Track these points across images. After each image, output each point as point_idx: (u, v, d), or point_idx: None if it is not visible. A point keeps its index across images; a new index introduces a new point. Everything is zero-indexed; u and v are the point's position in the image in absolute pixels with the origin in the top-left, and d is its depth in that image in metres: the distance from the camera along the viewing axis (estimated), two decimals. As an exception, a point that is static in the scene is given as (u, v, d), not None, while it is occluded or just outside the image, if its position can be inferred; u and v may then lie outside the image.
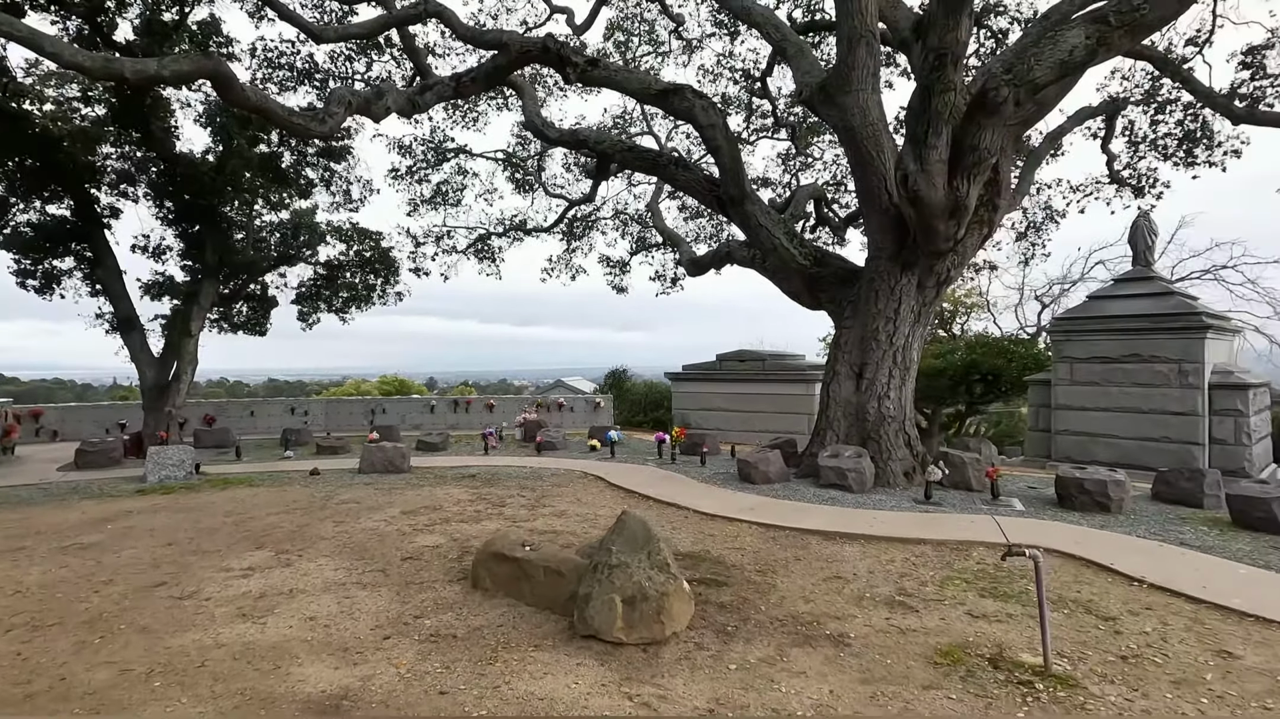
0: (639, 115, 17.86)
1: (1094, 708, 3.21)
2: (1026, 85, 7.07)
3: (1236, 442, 11.23)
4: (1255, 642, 3.94)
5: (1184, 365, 11.56)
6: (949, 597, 4.71)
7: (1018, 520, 6.69)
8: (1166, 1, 6.79)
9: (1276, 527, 6.21)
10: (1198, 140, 12.38)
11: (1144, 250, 13.34)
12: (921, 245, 8.48)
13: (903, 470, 8.55)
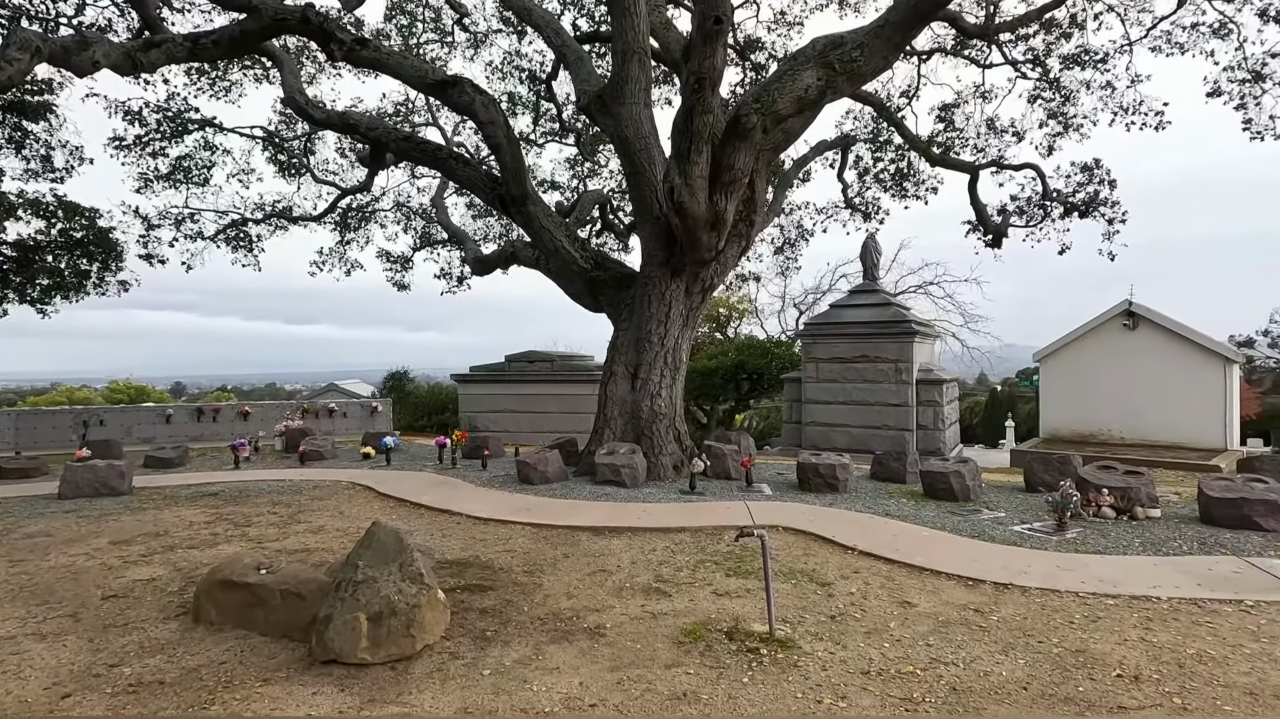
0: (424, 105, 17.05)
1: (804, 664, 3.66)
2: (771, 115, 7.93)
3: (935, 427, 13.65)
4: (928, 591, 4.79)
5: (899, 364, 13.78)
6: (700, 579, 5.10)
7: (765, 504, 7.47)
8: (875, 57, 8.03)
9: (953, 495, 7.64)
10: (907, 176, 14.85)
11: (871, 267, 15.68)
12: (687, 254, 9.13)
13: (672, 464, 9.12)
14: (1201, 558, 5.42)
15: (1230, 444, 13.44)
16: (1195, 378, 13.59)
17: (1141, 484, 6.81)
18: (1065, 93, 13.11)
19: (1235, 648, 3.78)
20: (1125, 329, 14.31)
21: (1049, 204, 13.29)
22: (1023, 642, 3.90)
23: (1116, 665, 3.58)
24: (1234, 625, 4.10)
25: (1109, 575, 4.98)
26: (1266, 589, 4.66)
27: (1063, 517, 6.25)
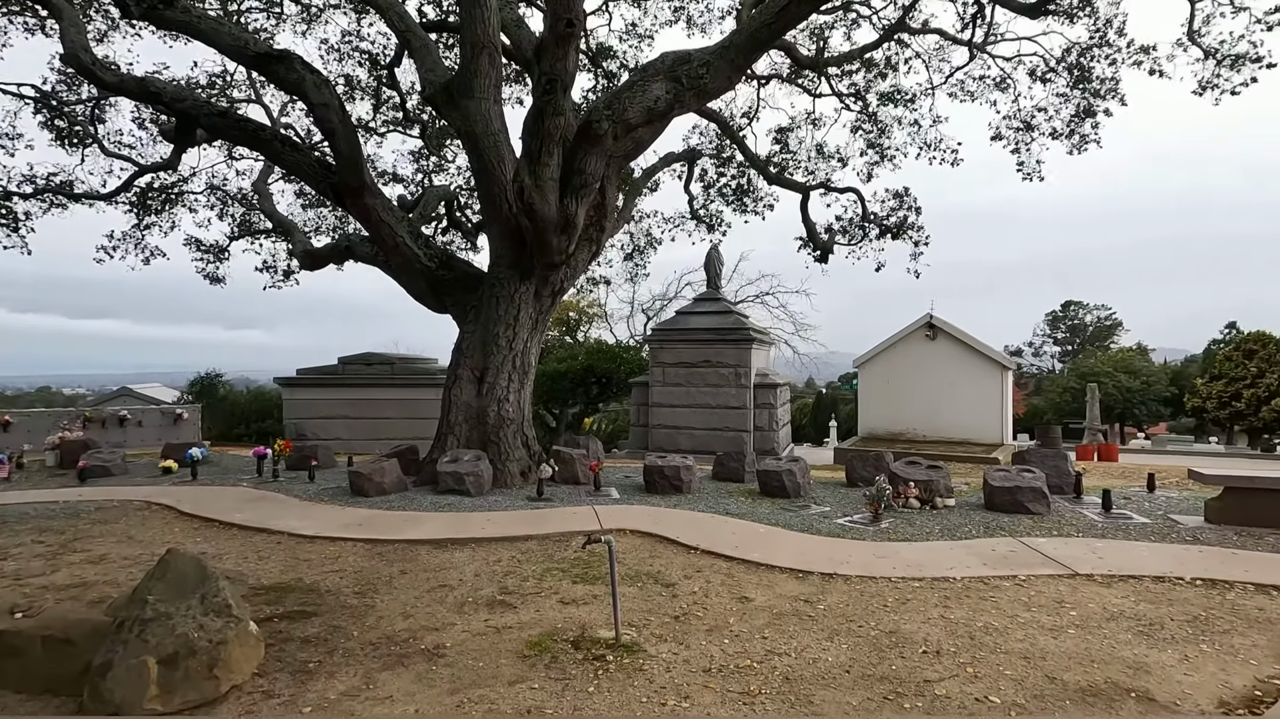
0: (246, 79, 15.38)
1: (649, 667, 3.69)
2: (622, 123, 8.03)
3: (770, 428, 14.57)
4: (764, 585, 5.05)
5: (739, 369, 14.54)
6: (546, 588, 5.00)
7: (612, 508, 7.52)
8: (720, 77, 8.42)
9: (786, 492, 8.16)
10: (747, 192, 15.76)
11: (715, 276, 16.44)
12: (537, 256, 8.99)
13: (520, 470, 8.92)
14: (986, 540, 6.21)
15: (1006, 439, 15.66)
16: (980, 382, 15.69)
17: (940, 477, 7.69)
18: (881, 126, 14.60)
19: (1013, 618, 4.35)
20: (927, 339, 16.19)
21: (868, 225, 14.71)
22: (846, 627, 4.22)
23: (922, 643, 3.98)
24: (1011, 598, 4.73)
25: (915, 560, 5.56)
26: (1035, 565, 5.44)
27: (878, 509, 6.90)
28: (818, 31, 14.31)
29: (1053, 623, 4.27)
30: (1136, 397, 46.28)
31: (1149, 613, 4.43)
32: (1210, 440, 35.16)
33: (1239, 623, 4.25)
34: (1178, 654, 3.80)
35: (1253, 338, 39.37)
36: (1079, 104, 12.68)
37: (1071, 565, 5.38)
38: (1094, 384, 23.74)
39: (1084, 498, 7.92)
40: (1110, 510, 7.18)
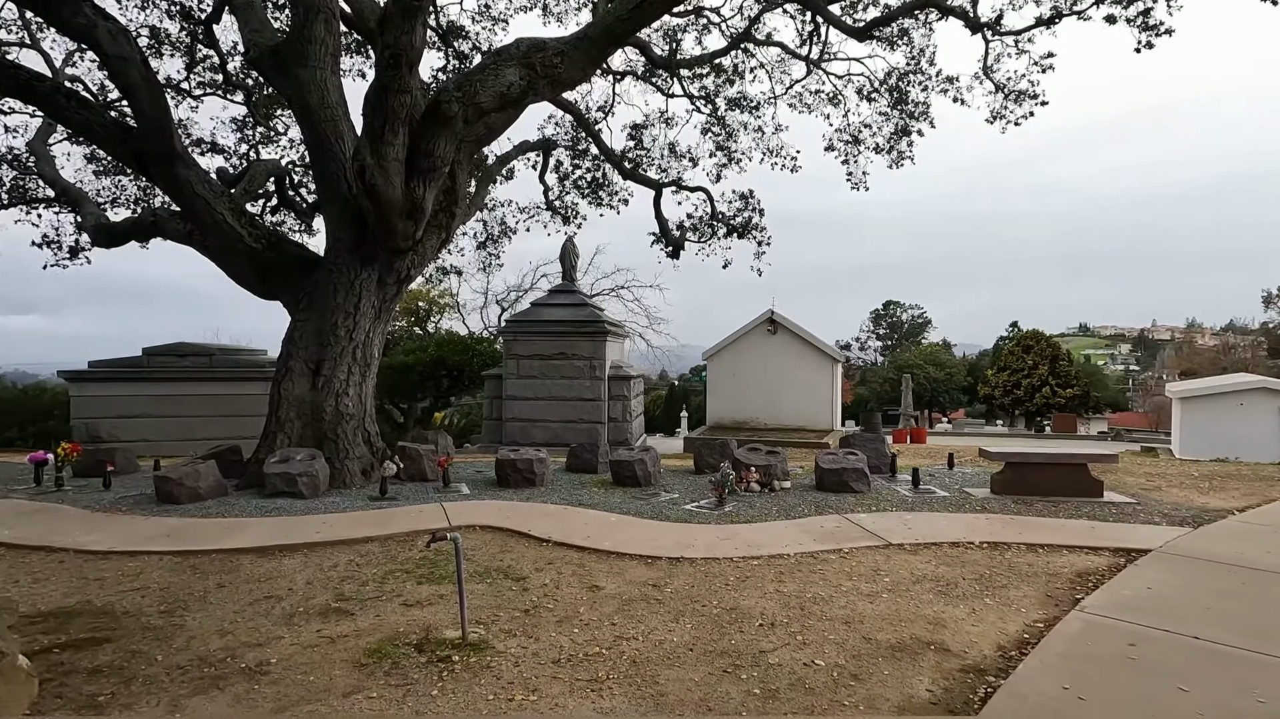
0: (17, 21, 13.04)
1: (497, 664, 3.63)
2: (474, 106, 7.76)
3: (624, 419, 14.84)
4: (614, 573, 5.14)
5: (594, 361, 14.65)
6: (389, 591, 4.74)
7: (462, 504, 7.29)
8: (575, 68, 8.40)
9: (638, 481, 8.36)
10: (602, 185, 15.88)
11: (570, 268, 16.41)
12: (381, 241, 8.48)
13: (361, 469, 8.39)
14: (817, 518, 6.76)
15: (835, 425, 17.14)
16: (814, 374, 17.03)
17: (778, 462, 8.26)
18: (729, 129, 15.32)
19: (837, 588, 4.77)
20: (769, 334, 17.29)
21: (716, 224, 15.41)
22: (690, 608, 4.41)
23: (759, 617, 4.25)
24: (837, 570, 5.19)
25: (755, 540, 5.92)
26: (857, 538, 6.00)
27: (722, 493, 7.27)
28: (671, 33, 14.71)
29: (870, 589, 4.74)
30: (941, 386, 52.45)
31: (946, 574, 5.05)
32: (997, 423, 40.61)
33: (1014, 578, 4.97)
34: (968, 609, 4.37)
35: (1029, 335, 46.11)
36: (897, 123, 14.09)
37: (886, 537, 5.99)
38: (908, 375, 26.62)
39: (898, 476, 8.86)
40: (919, 486, 8.09)
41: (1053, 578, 4.97)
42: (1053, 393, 41.30)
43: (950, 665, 3.58)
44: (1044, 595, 4.62)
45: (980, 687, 3.33)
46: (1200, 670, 3.40)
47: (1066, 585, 4.79)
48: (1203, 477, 9.44)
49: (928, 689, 3.32)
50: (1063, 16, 10.87)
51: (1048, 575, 5.03)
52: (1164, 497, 7.85)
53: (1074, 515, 6.83)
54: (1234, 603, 4.36)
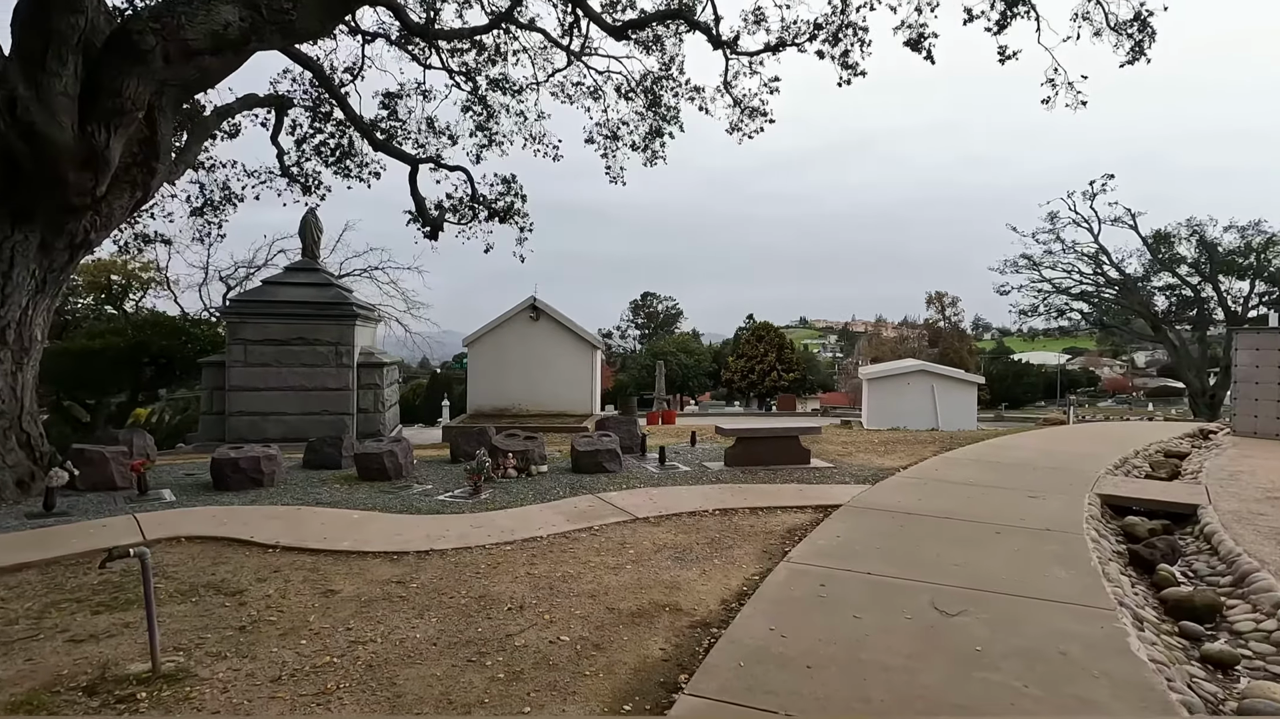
0: None
1: (199, 692, 3.13)
2: (177, 42, 6.55)
3: (376, 409, 13.82)
4: (354, 574, 4.75)
5: (340, 347, 13.40)
6: (49, 627, 3.84)
7: (164, 513, 6.19)
8: (312, 19, 7.53)
9: (387, 474, 7.83)
10: (350, 155, 14.53)
11: (312, 244, 14.78)
12: (44, 195, 6.78)
13: (16, 479, 6.69)
14: (571, 499, 6.94)
15: (595, 410, 17.80)
16: (575, 360, 17.47)
17: (535, 447, 8.32)
18: (490, 110, 14.97)
19: (586, 564, 4.95)
20: (531, 320, 17.33)
21: (477, 206, 14.99)
22: (437, 601, 4.24)
23: (508, 601, 4.23)
24: (587, 547, 5.38)
25: (509, 525, 5.90)
26: (607, 515, 6.28)
27: (478, 481, 7.12)
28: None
29: (616, 562, 4.99)
30: (691, 371, 57.28)
31: (683, 542, 5.51)
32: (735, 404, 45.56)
33: (739, 539, 5.60)
34: (699, 571, 4.82)
35: (761, 327, 52.36)
36: (652, 123, 14.96)
37: (633, 512, 6.37)
38: (661, 362, 28.64)
39: (648, 455, 9.48)
40: (665, 463, 8.73)
41: (769, 535, 5.70)
42: (779, 377, 47.53)
43: (682, 623, 3.91)
44: (761, 551, 5.27)
45: (706, 639, 3.68)
46: (870, 599, 4.14)
47: (779, 541, 5.53)
48: (881, 443, 11.56)
49: (661, 648, 3.59)
50: (786, 46, 12.40)
51: (765, 534, 5.75)
52: (853, 460, 9.45)
53: (788, 480, 7.91)
54: (894, 541, 5.39)
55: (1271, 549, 5.33)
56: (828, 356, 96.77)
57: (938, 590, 4.27)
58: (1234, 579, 4.97)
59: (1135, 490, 7.63)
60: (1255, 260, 31.96)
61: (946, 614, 3.91)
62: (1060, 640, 3.56)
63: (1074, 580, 4.49)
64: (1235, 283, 33.20)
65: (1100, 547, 5.47)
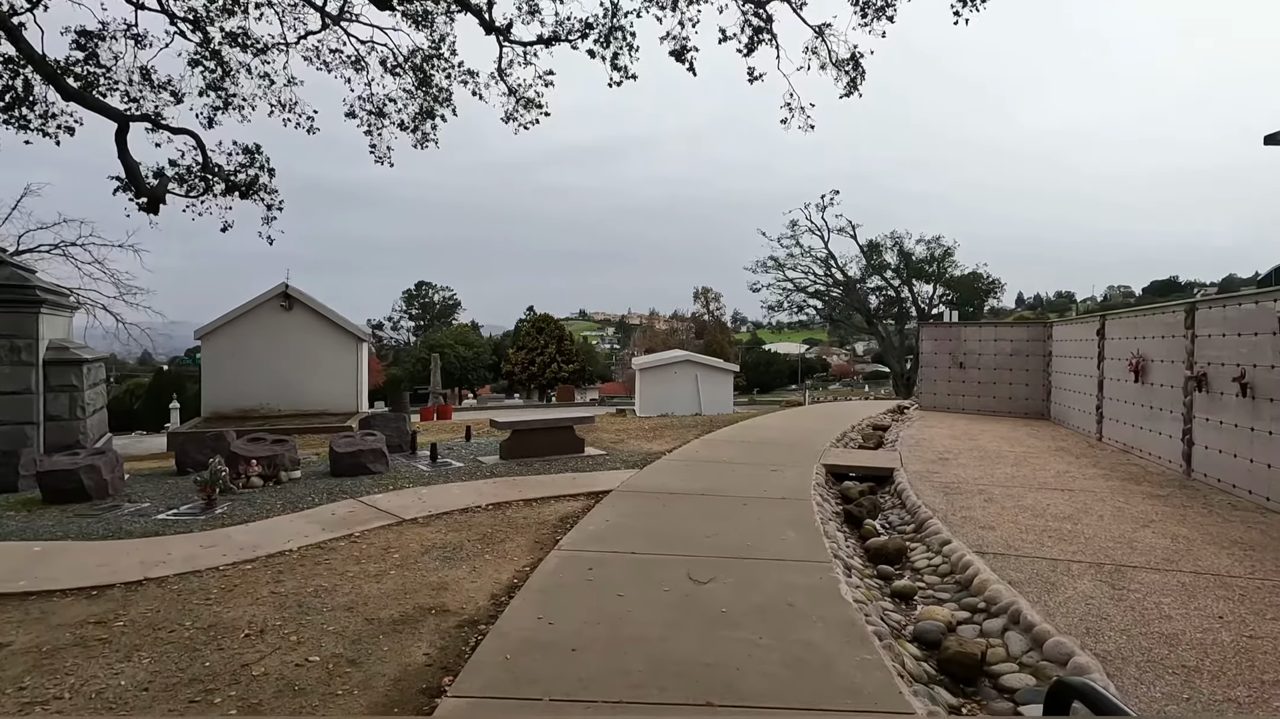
0: None
1: None
2: None
3: (72, 416, 11.35)
4: (32, 621, 3.86)
5: (18, 342, 10.76)
6: None
7: None
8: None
9: (87, 494, 6.50)
10: (26, 103, 11.69)
11: (-31, 209, 11.64)
12: None
13: None
14: (329, 505, 6.37)
15: (363, 407, 16.52)
16: (337, 354, 16.03)
17: (285, 450, 7.49)
18: (227, 68, 13.02)
19: (343, 575, 4.57)
20: (283, 309, 15.52)
21: (211, 177, 12.97)
22: (151, 638, 3.62)
23: (246, 626, 3.75)
24: (345, 556, 4.97)
25: (250, 541, 5.23)
26: (371, 520, 5.87)
27: (211, 494, 6.21)
28: (138, -75, 11.63)
29: (379, 569, 4.68)
30: (470, 364, 55.80)
31: (454, 540, 5.35)
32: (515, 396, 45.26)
33: (511, 532, 5.58)
34: (469, 568, 4.72)
35: (541, 318, 52.65)
36: (422, 103, 14.16)
37: (400, 513, 6.03)
38: (436, 355, 27.44)
39: (419, 453, 9.03)
40: (437, 460, 8.39)
41: (541, 526, 5.76)
42: (559, 368, 48.22)
43: (448, 625, 3.79)
44: (534, 542, 5.31)
45: (473, 637, 3.62)
46: (632, 578, 4.39)
47: (551, 530, 5.61)
48: (651, 429, 12.31)
49: (425, 654, 3.45)
50: (559, 41, 12.51)
51: (538, 524, 5.81)
52: (625, 446, 9.93)
53: (562, 470, 8.07)
54: (658, 521, 5.78)
55: (941, 500, 6.67)
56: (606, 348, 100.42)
57: (693, 562, 4.67)
58: (916, 526, 6.14)
59: (850, 459, 9.04)
60: (937, 268, 39.69)
61: (699, 583, 4.28)
62: (789, 593, 4.09)
63: (801, 540, 5.19)
64: (923, 286, 40.97)
65: (823, 509, 6.40)
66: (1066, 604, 3.98)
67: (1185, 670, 3.15)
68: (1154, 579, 4.40)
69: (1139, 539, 5.30)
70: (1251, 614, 3.83)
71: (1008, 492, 7.02)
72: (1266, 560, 4.79)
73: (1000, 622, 4.00)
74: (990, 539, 5.32)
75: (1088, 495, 6.85)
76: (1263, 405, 6.47)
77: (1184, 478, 7.79)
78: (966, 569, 4.74)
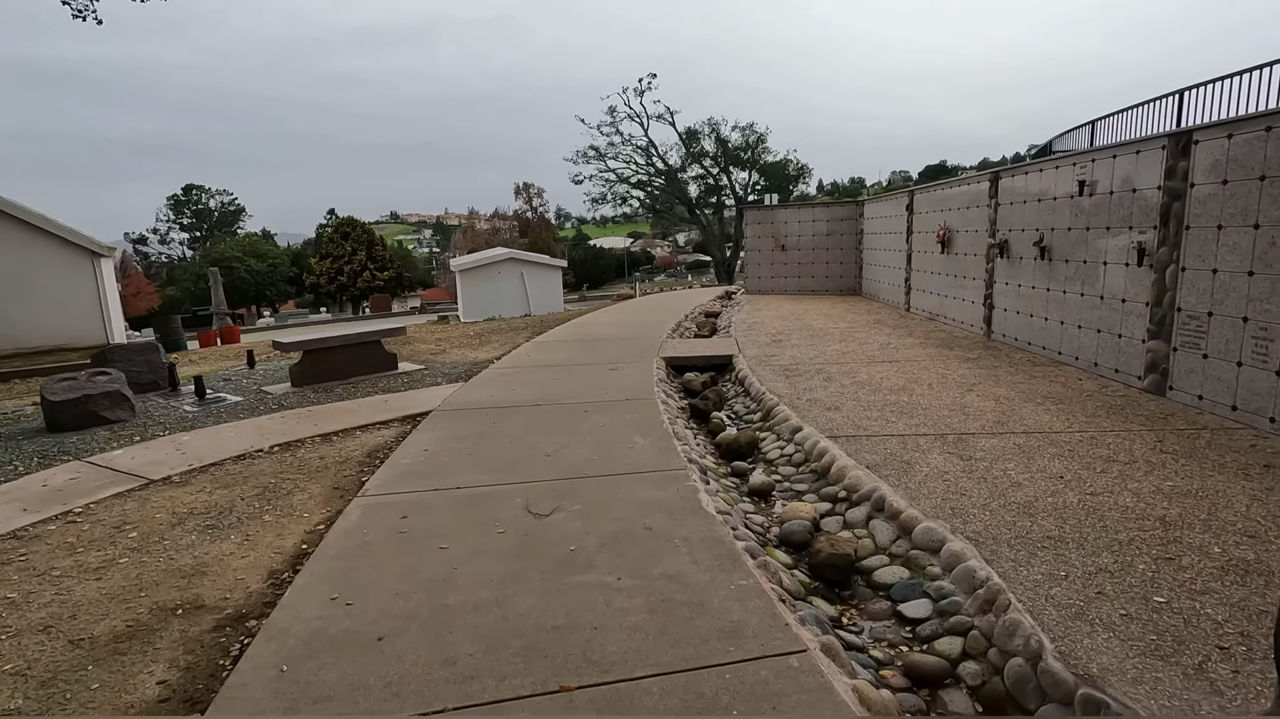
0: None
1: None
2: None
3: None
4: None
5: None
6: None
7: None
8: None
9: None
10: None
11: None
12: None
13: None
14: (41, 474, 4.78)
15: (114, 338, 13.49)
16: (66, 275, 12.74)
17: (-31, 407, 5.55)
18: None
19: (46, 576, 3.29)
20: (-29, 220, 11.83)
21: None
22: None
23: None
24: (55, 545, 3.63)
25: (-105, 546, 3.67)
26: (101, 487, 4.44)
27: None
28: None
29: (103, 559, 3.45)
30: (266, 278, 49.32)
31: (222, 500, 4.17)
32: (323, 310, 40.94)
33: (303, 479, 4.48)
34: (240, 538, 3.63)
35: (346, 222, 47.26)
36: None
37: (148, 473, 4.65)
38: (215, 270, 23.40)
39: (181, 388, 7.30)
40: (205, 397, 6.80)
41: (343, 466, 4.71)
42: (373, 277, 44.04)
43: (202, 628, 2.78)
44: (332, 489, 4.28)
45: (237, 641, 2.66)
46: (458, 521, 3.59)
47: (355, 471, 4.60)
48: (477, 335, 11.21)
49: (160, 681, 2.45)
50: None
51: (338, 465, 4.75)
52: (447, 358, 8.84)
53: (371, 392, 6.89)
54: (487, 443, 4.96)
55: (784, 384, 6.51)
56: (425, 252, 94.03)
57: (532, 490, 3.96)
58: (764, 415, 5.90)
59: (688, 350, 8.73)
60: (752, 155, 40.57)
61: (540, 516, 3.59)
62: (645, 514, 3.54)
63: (651, 446, 4.67)
64: (740, 173, 41.88)
65: (669, 406, 5.95)
66: (925, 483, 3.83)
67: (1052, 542, 3.04)
68: (993, 444, 4.43)
69: (968, 404, 5.43)
70: (1084, 469, 3.91)
71: (842, 368, 7.05)
72: (1076, 412, 5.07)
73: (864, 510, 3.77)
74: (838, 421, 5.17)
75: (913, 365, 7.06)
76: (1058, 267, 6.90)
77: (985, 340, 8.39)
78: (822, 457, 4.51)
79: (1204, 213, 4.95)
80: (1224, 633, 2.31)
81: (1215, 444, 4.22)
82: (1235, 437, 4.35)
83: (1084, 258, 6.45)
